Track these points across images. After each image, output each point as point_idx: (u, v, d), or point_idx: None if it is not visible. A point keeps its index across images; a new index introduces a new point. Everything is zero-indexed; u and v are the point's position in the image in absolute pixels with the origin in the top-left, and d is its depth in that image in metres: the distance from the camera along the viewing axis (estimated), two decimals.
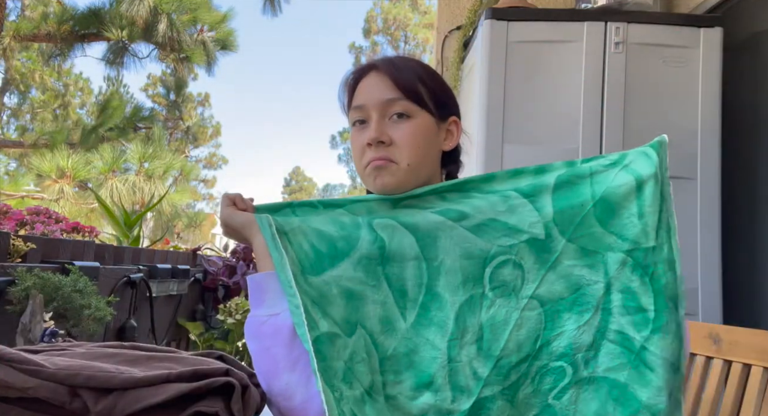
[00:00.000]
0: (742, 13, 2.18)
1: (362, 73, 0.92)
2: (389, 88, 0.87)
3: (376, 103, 0.87)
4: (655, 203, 0.79)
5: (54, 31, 7.21)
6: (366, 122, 0.89)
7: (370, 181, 0.88)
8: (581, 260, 0.78)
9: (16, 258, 1.57)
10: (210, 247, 3.60)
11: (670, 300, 0.75)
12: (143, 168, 7.62)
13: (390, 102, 0.87)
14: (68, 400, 0.60)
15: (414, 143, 0.86)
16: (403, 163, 0.86)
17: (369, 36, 23.74)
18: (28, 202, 6.71)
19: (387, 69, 0.89)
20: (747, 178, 2.10)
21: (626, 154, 0.86)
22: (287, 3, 8.20)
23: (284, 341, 0.75)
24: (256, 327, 0.79)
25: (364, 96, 0.89)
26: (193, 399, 0.62)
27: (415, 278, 0.79)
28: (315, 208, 0.88)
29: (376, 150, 0.86)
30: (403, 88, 0.87)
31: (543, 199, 0.81)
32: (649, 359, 0.74)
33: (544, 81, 2.06)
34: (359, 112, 0.89)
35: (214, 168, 23.11)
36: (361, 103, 0.89)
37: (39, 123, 15.00)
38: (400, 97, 0.87)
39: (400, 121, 0.87)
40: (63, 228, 2.49)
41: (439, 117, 0.91)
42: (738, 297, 2.04)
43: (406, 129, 0.86)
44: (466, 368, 0.75)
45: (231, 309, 2.58)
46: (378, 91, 0.88)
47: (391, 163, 0.86)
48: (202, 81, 26.07)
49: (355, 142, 0.90)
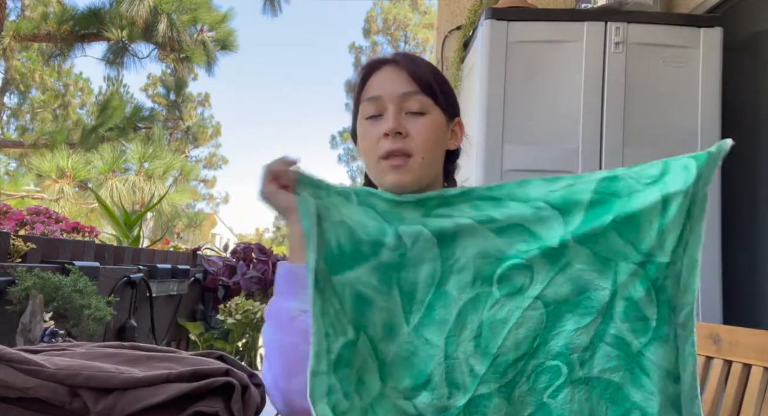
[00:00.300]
0: (742, 13, 2.18)
1: (377, 65, 0.91)
2: (407, 82, 0.88)
3: (393, 96, 0.87)
4: (678, 220, 0.78)
5: (54, 31, 7.21)
6: (380, 115, 0.88)
7: (382, 176, 0.88)
8: (593, 265, 0.78)
9: (16, 258, 1.57)
10: (210, 247, 3.60)
11: (673, 312, 0.75)
12: (143, 168, 7.62)
13: (407, 95, 0.87)
14: (68, 400, 0.60)
15: (429, 138, 0.87)
16: (419, 156, 0.86)
17: (369, 36, 23.73)
18: (28, 202, 6.71)
19: (405, 63, 0.89)
20: (747, 178, 2.10)
21: (668, 169, 0.83)
22: (287, 3, 8.20)
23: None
24: (286, 320, 0.78)
25: (380, 88, 0.89)
26: (193, 399, 0.62)
27: (428, 279, 0.79)
28: (349, 198, 0.85)
29: (393, 141, 0.86)
30: (421, 83, 0.88)
31: (575, 216, 0.80)
32: (645, 364, 0.74)
33: (544, 81, 2.06)
34: (374, 104, 0.88)
35: (214, 168, 23.11)
36: (377, 95, 0.88)
37: (39, 123, 15.00)
38: (417, 90, 0.87)
39: (416, 116, 0.87)
40: (63, 228, 2.49)
41: (448, 116, 0.92)
42: (738, 297, 2.04)
43: (422, 124, 0.87)
44: (463, 365, 0.75)
45: (231, 309, 2.58)
46: (395, 83, 0.88)
47: (408, 157, 0.86)
48: (202, 81, 26.04)
49: (368, 133, 0.89)
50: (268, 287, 2.80)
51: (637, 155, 2.01)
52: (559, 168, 1.99)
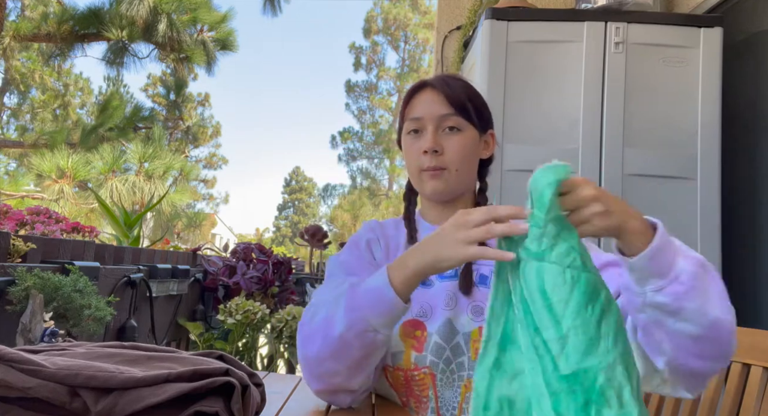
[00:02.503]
0: (742, 13, 2.18)
1: (418, 88, 1.06)
2: (443, 104, 1.02)
3: (432, 117, 1.02)
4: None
5: (54, 31, 7.21)
6: (420, 132, 1.04)
7: (422, 184, 1.04)
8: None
9: (16, 258, 1.57)
10: (210, 247, 3.60)
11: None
12: (143, 168, 7.62)
13: (444, 117, 1.02)
14: (68, 400, 0.60)
15: (462, 152, 1.02)
16: (453, 169, 1.02)
17: (369, 36, 23.74)
18: (28, 202, 6.71)
19: (441, 87, 1.03)
20: (747, 178, 2.10)
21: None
22: (287, 3, 8.20)
23: (367, 355, 0.85)
24: (362, 332, 0.82)
25: (421, 109, 1.04)
26: (193, 399, 0.62)
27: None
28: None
29: (431, 158, 1.01)
30: (455, 105, 1.02)
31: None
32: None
33: (544, 81, 2.06)
34: (416, 123, 1.04)
35: (214, 168, 23.13)
36: (419, 116, 1.03)
37: (39, 123, 15.01)
38: (452, 112, 1.02)
39: (451, 133, 1.02)
40: (63, 228, 2.49)
41: (480, 130, 1.06)
42: (738, 297, 2.04)
43: (456, 141, 1.02)
44: None
45: (231, 309, 2.58)
46: (434, 106, 1.03)
47: (443, 170, 1.01)
48: (202, 81, 26.10)
49: (410, 147, 1.05)
50: (268, 287, 2.80)
51: (637, 155, 2.01)
52: None
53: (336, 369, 0.85)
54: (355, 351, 0.83)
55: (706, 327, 0.74)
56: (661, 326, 0.76)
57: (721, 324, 0.74)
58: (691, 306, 0.73)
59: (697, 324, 0.74)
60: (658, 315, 0.76)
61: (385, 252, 1.06)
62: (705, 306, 0.73)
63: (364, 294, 0.83)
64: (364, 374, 0.87)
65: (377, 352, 0.86)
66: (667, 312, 0.74)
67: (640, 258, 0.72)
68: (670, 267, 0.73)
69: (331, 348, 0.83)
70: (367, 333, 0.82)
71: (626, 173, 2.01)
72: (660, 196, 2.00)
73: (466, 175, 1.05)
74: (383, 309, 0.81)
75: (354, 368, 0.85)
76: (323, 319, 0.85)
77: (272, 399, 0.82)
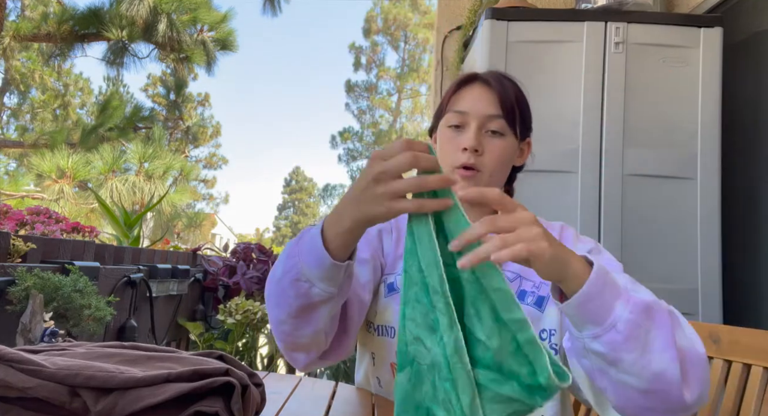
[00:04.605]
0: (742, 13, 2.18)
1: (470, 80, 1.01)
2: (493, 104, 0.97)
3: (478, 115, 0.97)
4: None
5: (54, 31, 7.21)
6: (462, 127, 0.98)
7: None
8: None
9: (16, 258, 1.57)
10: (210, 247, 3.59)
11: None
12: (143, 168, 7.61)
13: (491, 118, 0.97)
14: (68, 400, 0.60)
15: (500, 159, 0.98)
16: (487, 173, 0.97)
17: (369, 36, 23.74)
18: (28, 202, 6.71)
19: (496, 85, 0.98)
20: (747, 178, 2.10)
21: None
22: (287, 3, 8.19)
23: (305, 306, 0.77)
24: (294, 280, 0.76)
25: (468, 104, 0.98)
26: (193, 399, 0.62)
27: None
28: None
29: (470, 157, 0.95)
30: (505, 107, 0.97)
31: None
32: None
33: (544, 81, 2.06)
34: (459, 117, 0.98)
35: (214, 168, 23.13)
36: (465, 110, 0.98)
37: (39, 123, 15.02)
38: (500, 115, 0.97)
39: (494, 136, 0.97)
40: (63, 228, 2.49)
41: (520, 137, 1.02)
42: (738, 297, 2.04)
43: (497, 146, 0.97)
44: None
45: (231, 309, 2.58)
46: (482, 103, 0.97)
47: (478, 172, 0.96)
48: (202, 81, 26.11)
49: (449, 142, 0.99)
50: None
51: (637, 155, 2.01)
52: (559, 168, 1.99)
53: (280, 317, 0.81)
54: (291, 299, 0.77)
55: (649, 381, 0.68)
56: (605, 375, 0.71)
57: (664, 378, 0.67)
58: (630, 358, 0.67)
59: (637, 376, 0.68)
60: (600, 364, 0.70)
61: (396, 243, 1.03)
62: (645, 358, 0.67)
63: (303, 242, 0.75)
64: (310, 328, 0.80)
65: (320, 307, 0.77)
66: (607, 363, 0.69)
67: (567, 305, 0.67)
68: (607, 313, 0.66)
69: (274, 295, 0.80)
70: (300, 283, 0.75)
71: (626, 173, 2.01)
72: (660, 196, 2.00)
73: (498, 181, 1.00)
74: (312, 260, 0.73)
75: (296, 317, 0.79)
76: (274, 265, 0.82)
77: (272, 399, 0.82)
